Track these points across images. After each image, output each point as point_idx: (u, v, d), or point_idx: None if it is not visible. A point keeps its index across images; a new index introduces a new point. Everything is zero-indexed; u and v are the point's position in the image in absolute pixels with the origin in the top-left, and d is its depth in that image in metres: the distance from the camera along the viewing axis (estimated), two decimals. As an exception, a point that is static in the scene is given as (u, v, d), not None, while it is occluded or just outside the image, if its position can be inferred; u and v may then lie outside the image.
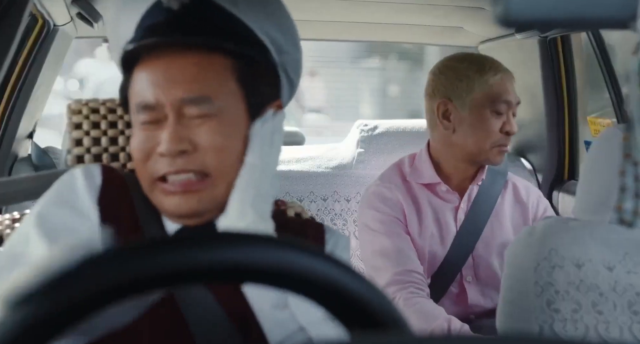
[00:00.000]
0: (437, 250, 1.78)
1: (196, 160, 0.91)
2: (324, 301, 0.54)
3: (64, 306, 0.48)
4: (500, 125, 1.73)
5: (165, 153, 0.90)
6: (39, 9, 1.81)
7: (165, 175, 0.91)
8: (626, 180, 0.79)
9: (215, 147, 0.91)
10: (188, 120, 0.91)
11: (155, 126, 0.92)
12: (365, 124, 2.26)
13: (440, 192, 1.82)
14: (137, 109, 0.94)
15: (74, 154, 1.09)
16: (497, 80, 1.73)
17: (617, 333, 0.99)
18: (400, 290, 1.66)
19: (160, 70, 0.92)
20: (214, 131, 0.92)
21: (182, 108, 0.91)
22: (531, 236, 1.05)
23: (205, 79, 0.92)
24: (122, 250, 0.51)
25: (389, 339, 0.45)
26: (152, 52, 0.93)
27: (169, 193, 0.91)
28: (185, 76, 0.92)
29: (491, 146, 1.74)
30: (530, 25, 0.55)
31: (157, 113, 0.92)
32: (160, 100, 0.92)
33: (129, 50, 0.94)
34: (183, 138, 0.90)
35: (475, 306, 1.78)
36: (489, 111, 1.73)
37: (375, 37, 2.75)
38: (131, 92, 0.95)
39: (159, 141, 0.91)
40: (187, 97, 0.91)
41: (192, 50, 0.92)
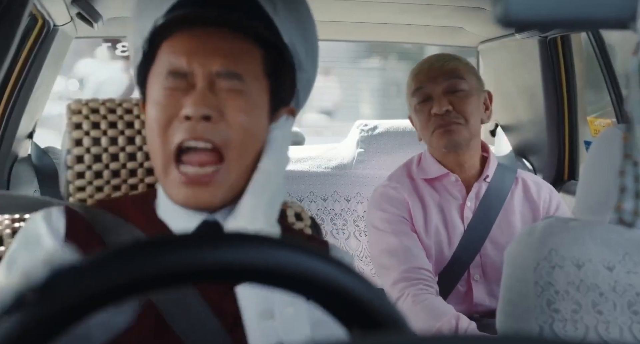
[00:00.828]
0: (445, 248, 1.79)
1: (219, 130, 0.89)
2: (324, 302, 0.54)
3: (57, 310, 0.47)
4: (428, 110, 1.79)
5: (191, 114, 0.88)
6: (39, 9, 1.81)
7: (183, 143, 0.89)
8: (626, 180, 0.79)
9: (240, 122, 0.91)
10: (217, 91, 0.91)
11: (182, 93, 0.91)
12: (365, 124, 2.26)
13: (448, 185, 1.83)
14: (165, 75, 0.92)
15: (73, 154, 1.09)
16: (414, 74, 1.83)
17: (617, 333, 0.99)
18: (408, 287, 1.67)
19: (195, 42, 0.91)
20: (241, 107, 0.91)
21: (214, 80, 0.91)
22: (531, 236, 1.05)
23: (239, 57, 0.92)
24: (124, 250, 0.51)
25: (389, 339, 0.45)
26: (184, 27, 0.92)
27: (182, 183, 0.90)
28: (222, 49, 0.91)
29: (431, 132, 1.79)
30: (530, 25, 0.55)
31: (187, 81, 0.91)
32: (194, 68, 0.91)
33: (163, 23, 0.92)
34: (211, 104, 0.89)
35: (480, 305, 1.78)
36: (416, 104, 1.81)
37: (375, 37, 2.75)
38: (157, 63, 0.94)
39: (183, 106, 0.89)
40: (222, 69, 0.91)
41: (226, 29, 0.92)
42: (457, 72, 1.79)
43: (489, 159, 1.86)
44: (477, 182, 1.83)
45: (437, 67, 1.80)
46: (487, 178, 1.83)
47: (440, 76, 1.78)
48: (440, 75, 1.79)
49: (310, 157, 2.25)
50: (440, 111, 1.75)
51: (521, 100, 2.42)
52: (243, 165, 0.92)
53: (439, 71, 1.79)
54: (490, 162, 1.85)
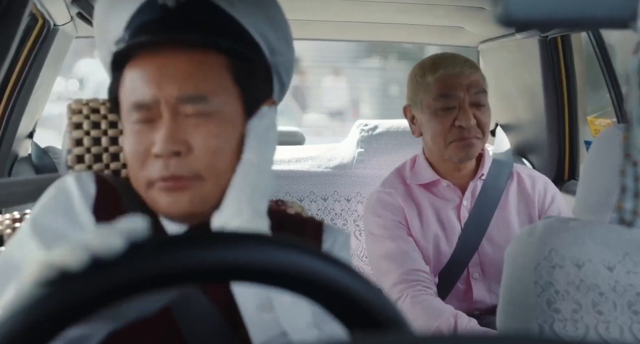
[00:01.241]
0: (443, 250, 1.79)
1: (189, 164, 0.89)
2: (324, 302, 0.54)
3: (69, 305, 0.48)
4: (451, 120, 1.74)
5: (160, 153, 0.89)
6: (39, 9, 1.81)
7: (160, 178, 0.90)
8: (626, 179, 0.79)
9: (210, 149, 0.90)
10: (183, 119, 0.90)
11: (149, 126, 0.91)
12: (365, 124, 2.26)
13: (442, 190, 1.83)
14: (130, 108, 0.92)
15: (74, 154, 1.09)
16: (437, 77, 1.75)
17: (617, 333, 0.99)
18: (407, 288, 1.67)
19: (155, 68, 0.91)
20: (209, 133, 0.90)
21: (178, 107, 0.90)
22: (531, 236, 1.05)
23: (201, 77, 0.91)
24: (128, 249, 0.51)
25: (389, 339, 0.45)
26: (146, 51, 0.91)
27: (164, 189, 0.90)
28: (181, 74, 0.90)
29: (447, 142, 1.75)
30: (530, 25, 0.55)
31: (152, 112, 0.91)
32: (156, 97, 0.90)
33: (122, 49, 0.92)
34: (178, 138, 0.89)
35: (480, 302, 1.78)
36: (435, 109, 1.75)
37: (375, 37, 2.75)
38: (123, 91, 0.94)
39: (153, 142, 0.90)
40: (184, 94, 0.90)
41: (187, 48, 0.91)
42: (481, 84, 1.76)
43: (483, 157, 1.86)
44: (473, 181, 1.83)
45: (467, 75, 1.74)
46: (483, 176, 1.83)
47: (469, 87, 1.74)
48: (469, 86, 1.74)
49: (310, 157, 2.25)
50: (468, 125, 1.72)
51: (521, 100, 2.42)
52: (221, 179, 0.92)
53: (468, 80, 1.74)
54: (485, 160, 1.85)
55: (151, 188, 0.92)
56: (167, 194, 0.90)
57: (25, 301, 0.47)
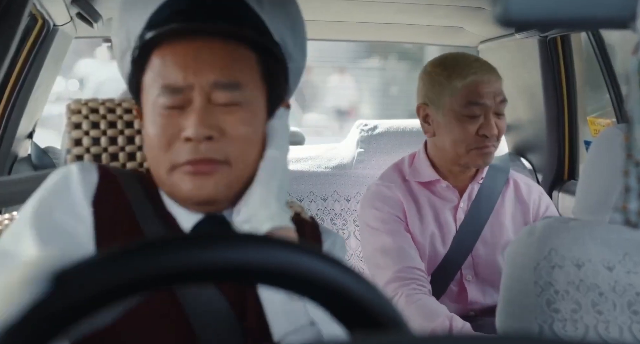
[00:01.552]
0: (438, 249, 1.79)
1: (221, 148, 0.89)
2: (324, 302, 0.54)
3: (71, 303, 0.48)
4: (475, 128, 1.71)
5: (192, 137, 0.88)
6: (39, 9, 1.81)
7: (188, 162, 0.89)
8: (629, 180, 0.79)
9: (241, 136, 0.91)
10: (214, 107, 0.90)
11: (179, 111, 0.90)
12: (365, 124, 2.26)
13: (440, 189, 1.82)
14: (160, 92, 0.91)
15: (73, 154, 1.09)
16: (467, 83, 1.71)
17: (617, 333, 0.99)
18: (402, 287, 1.67)
19: (190, 55, 0.90)
20: (240, 120, 0.91)
21: (211, 93, 0.90)
22: (531, 236, 1.05)
23: (236, 66, 0.92)
24: (126, 250, 0.51)
25: (389, 339, 0.45)
26: (177, 39, 0.91)
27: (188, 174, 0.89)
28: (217, 60, 0.91)
29: (468, 149, 1.73)
30: (530, 25, 0.55)
31: (184, 97, 0.90)
32: (190, 82, 0.90)
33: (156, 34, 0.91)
34: (210, 123, 0.89)
35: (475, 303, 1.78)
36: (461, 115, 1.72)
37: (375, 37, 2.75)
38: (149, 76, 0.93)
39: (182, 127, 0.89)
40: (219, 80, 0.90)
41: (219, 38, 0.91)
42: (504, 93, 1.75)
43: None
44: (472, 184, 1.83)
45: (493, 82, 1.72)
46: (481, 180, 1.83)
47: (496, 96, 1.72)
48: (495, 95, 1.72)
49: (310, 157, 2.25)
50: (492, 135, 1.71)
51: (521, 100, 2.42)
52: (247, 168, 0.93)
53: (494, 89, 1.72)
54: None
55: (174, 172, 0.91)
56: (192, 178, 0.90)
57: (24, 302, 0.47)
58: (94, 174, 0.95)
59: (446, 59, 1.79)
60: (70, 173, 0.95)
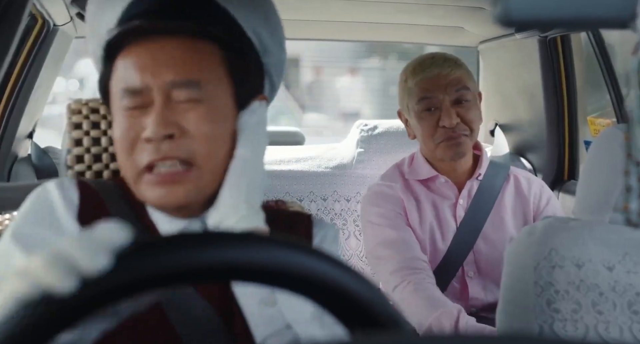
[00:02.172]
0: (438, 246, 1.80)
1: (183, 146, 0.88)
2: (324, 301, 0.54)
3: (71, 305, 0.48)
4: (434, 121, 1.77)
5: (152, 137, 0.87)
6: (39, 9, 1.81)
7: (151, 164, 0.88)
8: (630, 180, 0.79)
9: (203, 133, 0.89)
10: (175, 105, 0.89)
11: (140, 112, 0.90)
12: (365, 124, 2.26)
13: (439, 186, 1.84)
14: (121, 95, 0.91)
15: (73, 154, 1.09)
16: (417, 81, 1.78)
17: (617, 333, 0.99)
18: (409, 275, 1.67)
19: (147, 55, 0.90)
20: (202, 117, 0.89)
21: (170, 93, 0.89)
22: (531, 236, 1.05)
23: (194, 64, 0.90)
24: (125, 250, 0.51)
25: (389, 339, 0.45)
26: (138, 39, 0.91)
27: (155, 183, 0.88)
28: (174, 59, 0.90)
29: (436, 143, 1.78)
30: (530, 25, 0.56)
31: (143, 98, 0.90)
32: (148, 83, 0.89)
33: (114, 36, 0.91)
34: (170, 122, 0.88)
35: (476, 299, 1.79)
36: (419, 112, 1.78)
37: (375, 37, 2.75)
38: (114, 80, 0.93)
39: (144, 127, 0.89)
40: (176, 79, 0.89)
41: (180, 36, 0.91)
42: (463, 81, 1.77)
43: (481, 157, 1.87)
44: (470, 181, 1.84)
45: (444, 75, 1.76)
46: (480, 177, 1.84)
47: (448, 86, 1.76)
48: (448, 86, 1.76)
49: (310, 157, 2.25)
50: (451, 124, 1.74)
51: (521, 100, 2.42)
52: (215, 168, 0.91)
53: (447, 80, 1.76)
54: (482, 161, 1.86)
55: (140, 181, 0.90)
56: (160, 186, 0.88)
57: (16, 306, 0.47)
58: (73, 191, 0.94)
59: (409, 63, 1.85)
60: (49, 192, 0.93)
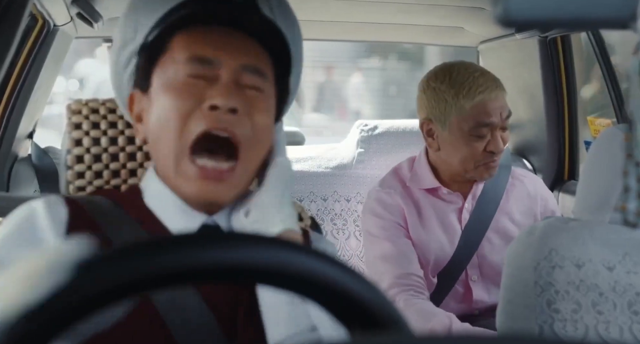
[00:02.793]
0: (443, 251, 1.79)
1: (243, 124, 0.88)
2: (324, 302, 0.54)
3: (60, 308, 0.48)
4: (483, 146, 1.71)
5: (220, 104, 0.87)
6: (39, 9, 1.82)
7: (207, 132, 0.87)
8: (629, 180, 0.79)
9: (260, 121, 0.91)
10: (242, 87, 0.90)
11: (205, 82, 0.89)
12: (365, 124, 2.26)
13: (442, 195, 1.82)
14: (188, 60, 0.90)
15: (73, 154, 1.09)
16: (475, 104, 1.69)
17: (617, 333, 0.99)
18: (400, 293, 1.67)
19: (221, 36, 0.91)
20: (262, 106, 0.92)
21: (239, 74, 0.90)
22: (531, 236, 1.05)
23: (262, 59, 0.93)
24: (124, 250, 0.51)
25: (389, 339, 0.45)
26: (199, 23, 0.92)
27: (198, 177, 0.88)
28: (245, 47, 0.92)
29: (476, 165, 1.73)
30: (530, 25, 0.56)
31: (211, 70, 0.90)
32: (220, 58, 0.90)
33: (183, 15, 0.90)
34: (237, 97, 0.88)
35: (480, 301, 1.78)
36: (469, 135, 1.70)
37: (375, 37, 2.75)
38: (172, 54, 0.91)
39: (205, 97, 0.88)
40: (248, 64, 0.91)
41: (240, 32, 0.92)
42: (508, 107, 1.73)
43: None
44: (475, 184, 1.82)
45: (498, 99, 1.69)
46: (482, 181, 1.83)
47: (501, 112, 1.70)
48: (501, 111, 1.70)
49: (310, 157, 2.24)
50: (499, 151, 1.70)
51: (521, 100, 2.42)
52: (255, 165, 0.92)
53: (499, 105, 1.69)
54: None
55: (182, 171, 0.88)
56: (202, 181, 0.88)
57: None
58: (61, 208, 0.91)
59: (450, 74, 1.73)
60: (34, 210, 0.90)
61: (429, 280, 1.78)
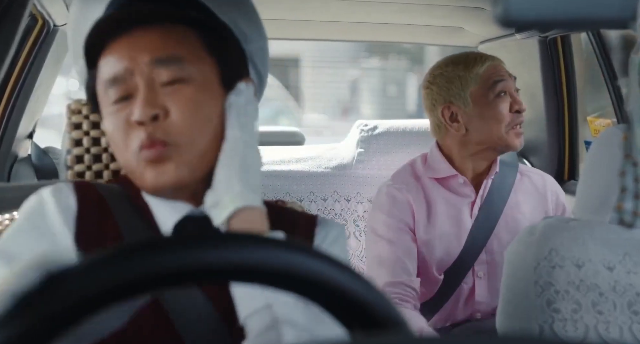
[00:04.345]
0: (452, 247, 1.78)
1: (168, 128, 0.88)
2: (324, 302, 0.54)
3: (62, 308, 0.48)
4: (508, 105, 1.76)
5: (139, 119, 0.87)
6: (39, 9, 1.82)
7: (142, 146, 0.88)
8: (626, 180, 0.79)
9: (188, 114, 0.89)
10: (160, 88, 0.89)
11: (127, 103, 0.90)
12: (365, 124, 2.26)
13: (457, 186, 1.81)
14: (107, 88, 0.91)
15: (73, 154, 1.09)
16: (486, 67, 1.78)
17: (617, 333, 0.99)
18: None
19: (126, 44, 0.91)
20: (186, 98, 0.90)
21: (153, 73, 0.89)
22: (531, 236, 1.05)
23: (173, 43, 0.91)
24: (122, 250, 0.51)
25: (389, 339, 0.45)
26: (116, 36, 0.91)
27: (146, 167, 0.88)
28: (153, 42, 0.90)
29: (507, 129, 1.76)
30: (530, 25, 0.56)
31: (128, 85, 0.90)
32: (128, 67, 0.89)
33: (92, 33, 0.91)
34: (155, 103, 0.88)
35: (481, 303, 1.78)
36: (492, 97, 1.76)
37: (375, 37, 2.75)
38: (99, 79, 0.93)
39: (132, 113, 0.89)
40: (157, 57, 0.90)
41: (157, 24, 0.91)
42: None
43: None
44: (487, 179, 1.82)
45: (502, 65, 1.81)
46: (495, 175, 1.83)
47: (510, 75, 1.80)
48: (509, 74, 1.80)
49: (310, 157, 2.24)
50: (522, 109, 1.77)
51: (521, 100, 2.42)
52: (203, 146, 0.91)
53: (506, 71, 1.80)
54: (497, 159, 1.84)
55: (137, 166, 0.90)
56: (152, 167, 0.88)
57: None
58: (70, 197, 0.93)
59: (453, 58, 1.83)
60: (43, 200, 0.92)
61: (435, 277, 1.77)
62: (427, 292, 1.79)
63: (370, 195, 2.16)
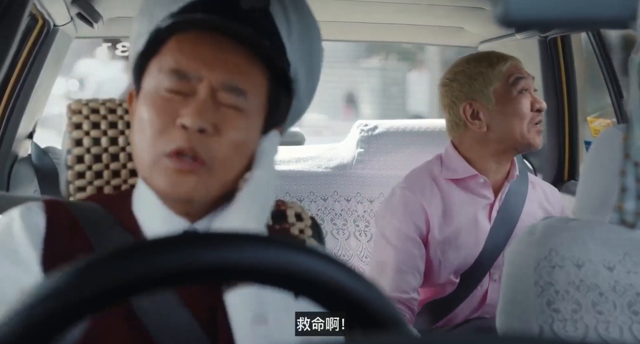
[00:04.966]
0: (470, 250, 1.76)
1: (209, 145, 0.87)
2: (324, 302, 0.54)
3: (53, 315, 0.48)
4: (529, 103, 1.76)
5: (188, 125, 0.86)
6: (39, 9, 1.81)
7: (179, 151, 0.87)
8: (627, 180, 0.79)
9: (232, 140, 0.89)
10: (216, 105, 0.89)
11: (179, 98, 0.89)
12: (365, 124, 2.26)
13: (476, 186, 1.79)
14: (166, 74, 0.90)
15: (73, 154, 1.09)
16: (509, 65, 1.78)
17: (617, 333, 0.99)
18: None
19: (206, 47, 0.89)
20: (237, 126, 0.89)
21: (217, 92, 0.89)
22: (531, 236, 1.05)
23: (248, 73, 0.91)
24: (122, 250, 0.51)
25: (389, 339, 0.45)
26: (198, 31, 0.90)
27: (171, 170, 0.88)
28: (232, 62, 0.90)
29: (529, 127, 1.76)
30: (530, 25, 0.56)
31: (187, 85, 0.89)
32: (199, 73, 0.89)
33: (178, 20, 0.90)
34: (208, 117, 0.87)
35: (492, 305, 1.76)
36: (515, 93, 1.76)
37: (375, 37, 2.75)
38: (160, 57, 0.91)
39: (179, 114, 0.87)
40: (227, 81, 0.89)
41: (238, 43, 0.90)
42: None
43: (513, 158, 1.84)
44: (507, 181, 1.81)
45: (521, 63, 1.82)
46: (514, 177, 1.82)
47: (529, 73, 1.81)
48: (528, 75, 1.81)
49: (310, 157, 2.24)
50: (542, 107, 1.78)
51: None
52: (227, 174, 0.91)
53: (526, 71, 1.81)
54: (514, 161, 1.83)
55: (157, 165, 0.89)
56: (175, 174, 0.88)
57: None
58: (39, 217, 0.91)
59: (474, 56, 1.85)
60: (12, 220, 0.91)
61: (451, 280, 1.76)
62: (440, 292, 1.77)
63: (370, 195, 2.16)
